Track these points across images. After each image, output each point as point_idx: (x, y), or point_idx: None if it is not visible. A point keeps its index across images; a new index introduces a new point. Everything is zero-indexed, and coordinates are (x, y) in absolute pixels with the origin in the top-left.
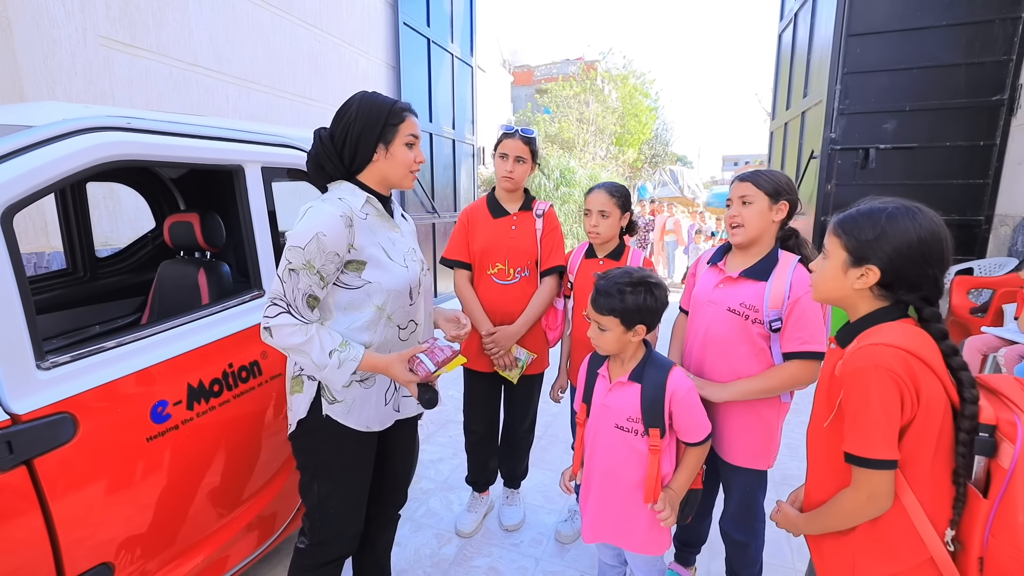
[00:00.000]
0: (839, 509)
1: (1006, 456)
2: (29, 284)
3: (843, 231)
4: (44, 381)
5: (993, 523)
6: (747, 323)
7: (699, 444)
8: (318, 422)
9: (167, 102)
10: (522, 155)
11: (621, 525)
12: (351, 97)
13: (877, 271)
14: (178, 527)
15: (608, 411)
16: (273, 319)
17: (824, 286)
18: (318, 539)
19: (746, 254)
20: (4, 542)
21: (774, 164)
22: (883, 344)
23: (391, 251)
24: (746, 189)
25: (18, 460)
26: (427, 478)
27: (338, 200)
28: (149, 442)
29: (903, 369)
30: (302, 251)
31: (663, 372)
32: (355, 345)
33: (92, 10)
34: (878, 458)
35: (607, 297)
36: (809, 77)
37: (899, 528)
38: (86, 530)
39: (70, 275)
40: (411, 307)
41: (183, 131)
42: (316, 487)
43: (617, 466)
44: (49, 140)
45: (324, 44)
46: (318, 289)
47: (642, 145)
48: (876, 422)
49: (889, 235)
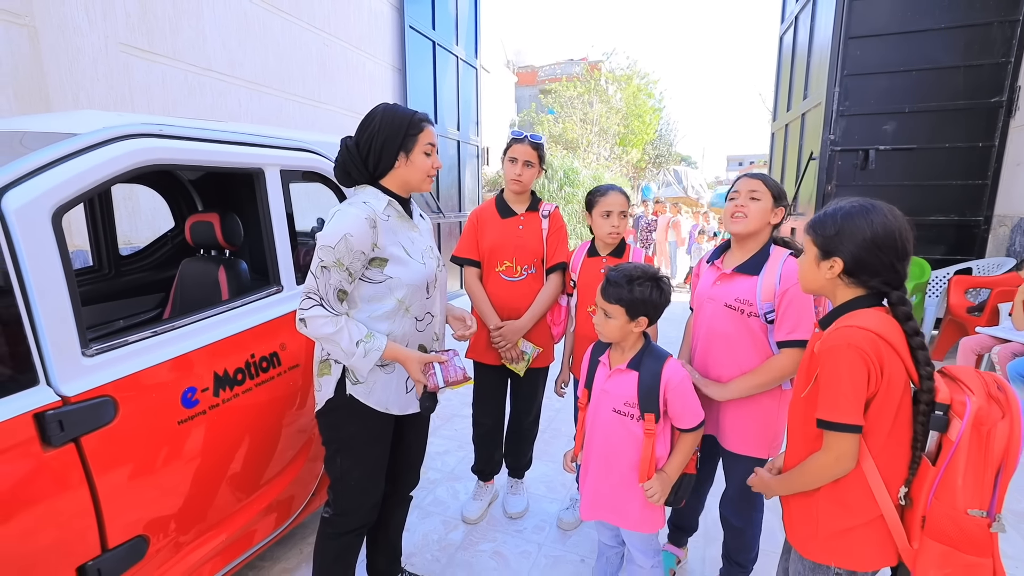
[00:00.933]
0: (809, 469)
1: (955, 430)
2: None
3: (812, 230)
4: (88, 367)
5: (937, 487)
6: (744, 317)
7: (692, 430)
8: (343, 400)
9: (182, 106)
10: (530, 159)
11: (617, 504)
12: (374, 109)
13: (841, 262)
14: (205, 505)
15: (607, 396)
16: (308, 311)
17: (804, 278)
18: (341, 509)
19: (742, 250)
20: (58, 513)
21: (775, 165)
22: (855, 327)
23: (410, 249)
24: (756, 185)
25: (68, 437)
26: (434, 469)
27: (363, 203)
28: (180, 425)
29: (871, 348)
30: (332, 250)
31: (659, 362)
32: (379, 336)
33: (113, 18)
34: (845, 423)
35: (616, 287)
36: (809, 79)
37: (856, 488)
38: (125, 505)
39: (95, 272)
40: (428, 300)
41: (209, 136)
42: (339, 460)
43: (614, 448)
44: (92, 147)
45: (332, 48)
46: (346, 284)
47: (646, 145)
48: (845, 392)
49: (846, 231)
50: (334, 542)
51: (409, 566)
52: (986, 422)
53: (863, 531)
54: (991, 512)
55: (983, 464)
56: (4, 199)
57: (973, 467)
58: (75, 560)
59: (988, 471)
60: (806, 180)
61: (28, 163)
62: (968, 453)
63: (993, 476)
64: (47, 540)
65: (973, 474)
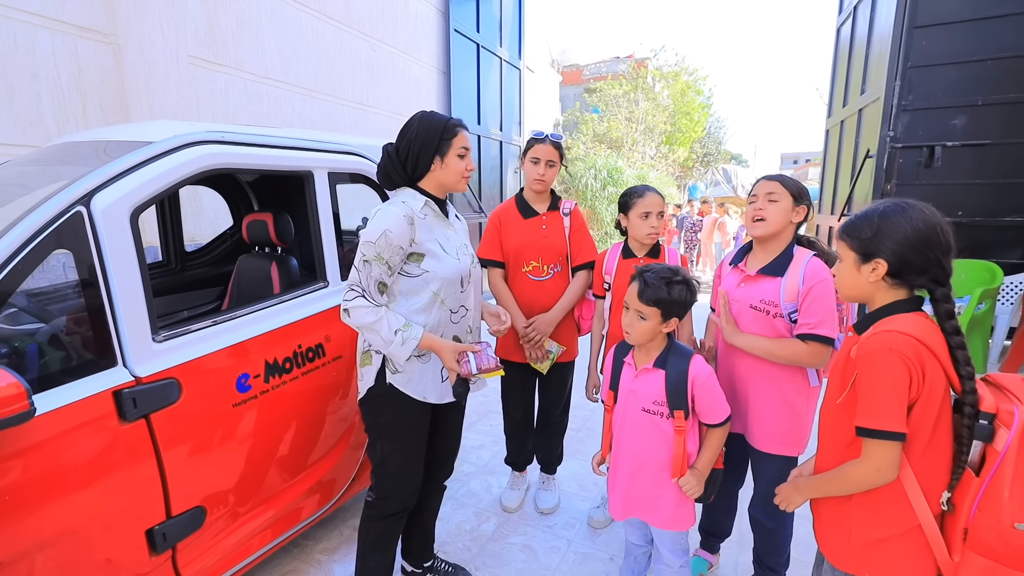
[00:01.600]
0: (845, 476)
1: (1001, 440)
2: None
3: (847, 235)
4: (158, 351)
5: (981, 499)
6: (769, 318)
7: (720, 425)
8: (382, 388)
9: (242, 112)
10: (552, 159)
11: (649, 502)
12: (412, 117)
13: (885, 263)
14: (255, 483)
15: (635, 396)
16: (351, 302)
17: (844, 285)
18: (382, 492)
19: (765, 252)
20: (131, 480)
21: (829, 164)
22: (895, 331)
23: (446, 245)
24: (774, 187)
25: (140, 414)
26: (469, 462)
27: (402, 203)
28: (234, 408)
29: (912, 353)
30: (374, 245)
31: (685, 359)
32: (415, 326)
33: (184, 34)
34: (889, 430)
35: (655, 288)
36: (867, 72)
37: (893, 497)
38: (186, 478)
39: (164, 266)
40: (462, 294)
41: (264, 142)
42: (380, 446)
43: (645, 446)
44: (164, 153)
45: (380, 53)
46: (386, 277)
47: (693, 144)
48: (887, 398)
49: (885, 230)
50: (376, 524)
51: (441, 553)
52: None
53: (899, 542)
54: None
55: None
56: (93, 201)
57: (1021, 479)
58: (145, 523)
59: None
60: (861, 179)
61: (112, 169)
62: (1016, 464)
63: None
64: (123, 504)
65: (1021, 486)
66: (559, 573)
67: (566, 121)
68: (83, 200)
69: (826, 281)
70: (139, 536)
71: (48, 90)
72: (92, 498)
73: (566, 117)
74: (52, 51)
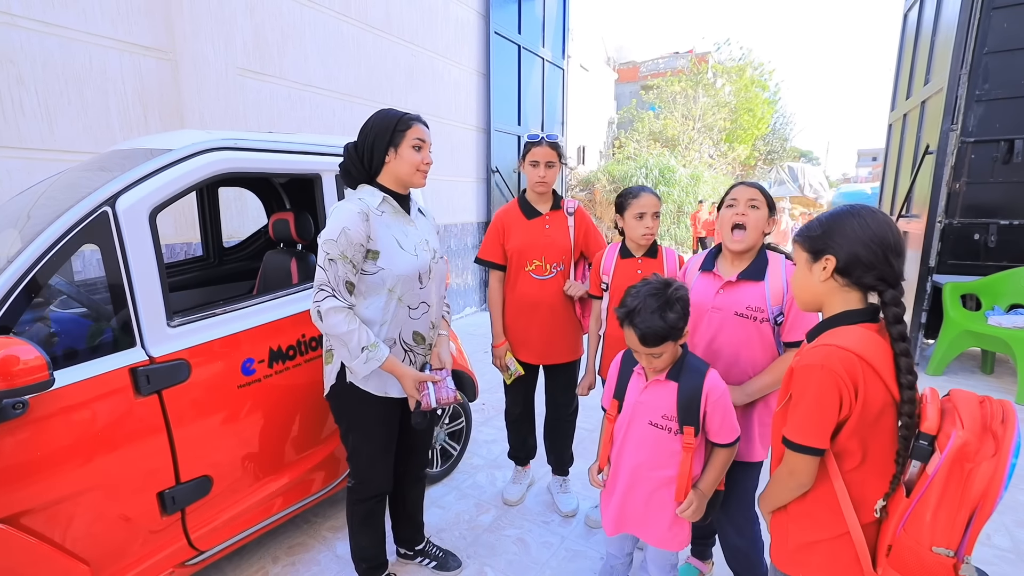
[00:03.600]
0: (772, 481)
1: (933, 464)
2: (178, 266)
3: (799, 237)
4: (171, 335)
5: (907, 519)
6: (756, 324)
7: (729, 445)
8: (344, 387)
9: (285, 119)
10: (551, 160)
11: (645, 518)
12: (372, 114)
13: (834, 259)
14: (260, 459)
15: (643, 408)
16: (323, 302)
17: (799, 288)
18: (358, 478)
19: (739, 257)
20: (144, 447)
21: (890, 161)
22: (834, 346)
23: (403, 242)
24: (755, 194)
25: (153, 389)
26: (478, 455)
27: (358, 200)
28: (239, 389)
29: (846, 370)
30: (335, 243)
31: (700, 373)
32: (382, 347)
33: (233, 47)
34: (804, 444)
35: (653, 331)
36: (932, 61)
37: (825, 505)
38: (194, 449)
39: (205, 261)
40: (422, 290)
41: (274, 148)
42: (351, 438)
43: (647, 462)
44: (180, 160)
45: (419, 58)
46: (352, 275)
47: (756, 141)
48: (811, 415)
49: (834, 227)
50: (358, 507)
51: (436, 539)
52: (971, 459)
53: (828, 545)
54: (960, 553)
55: (958, 502)
56: (118, 202)
57: (946, 504)
58: (156, 487)
59: (962, 510)
60: (921, 177)
61: (134, 174)
62: (943, 489)
63: (967, 516)
64: (137, 467)
65: (945, 511)
66: (548, 568)
67: (621, 119)
68: (109, 201)
69: None
70: (151, 498)
71: (116, 104)
72: (110, 460)
73: (621, 115)
74: (120, 69)
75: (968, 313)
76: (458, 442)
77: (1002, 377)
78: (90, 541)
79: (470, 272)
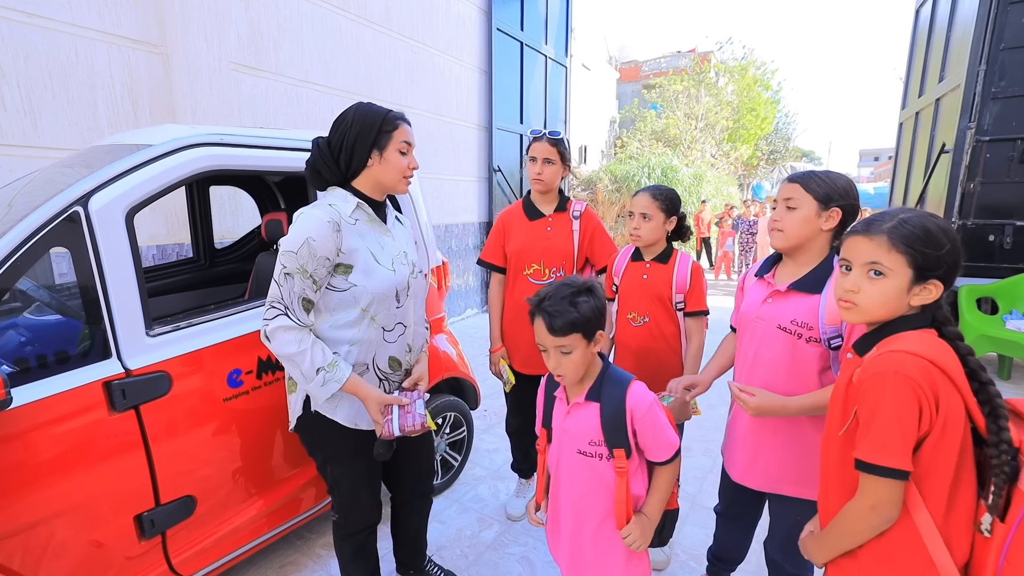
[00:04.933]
0: (843, 521)
1: None
2: (167, 269)
3: (908, 246)
4: (150, 345)
5: (1009, 549)
6: (800, 343)
7: (668, 462)
8: (311, 417)
9: (281, 115)
10: (550, 157)
11: (598, 560)
12: (348, 107)
13: (941, 286)
14: (248, 475)
15: (568, 436)
16: (272, 322)
17: (885, 307)
18: (343, 513)
19: (796, 264)
20: (118, 466)
21: (902, 160)
22: (904, 351)
23: (379, 255)
24: (792, 192)
25: (129, 404)
26: (480, 466)
27: (328, 206)
28: (225, 402)
29: (923, 378)
30: (295, 255)
31: (621, 388)
32: (343, 366)
33: (227, 41)
34: (888, 466)
35: (562, 315)
36: (948, 58)
37: (908, 546)
38: (176, 468)
39: (195, 263)
40: (398, 310)
41: (262, 143)
42: (329, 470)
43: (584, 497)
44: (160, 156)
45: (420, 54)
46: (311, 292)
47: (759, 141)
48: (890, 429)
49: (951, 246)
50: (347, 542)
51: (437, 558)
52: None
53: None
54: None
55: None
56: (90, 201)
57: None
58: (133, 510)
59: None
60: (936, 177)
61: (110, 171)
62: None
63: None
64: (110, 490)
65: None
66: None
67: (623, 118)
68: (81, 200)
69: None
70: (127, 522)
71: (103, 98)
72: (81, 483)
73: (623, 114)
74: (108, 62)
75: (984, 317)
76: (459, 453)
77: (1020, 383)
78: (58, 571)
79: (471, 273)
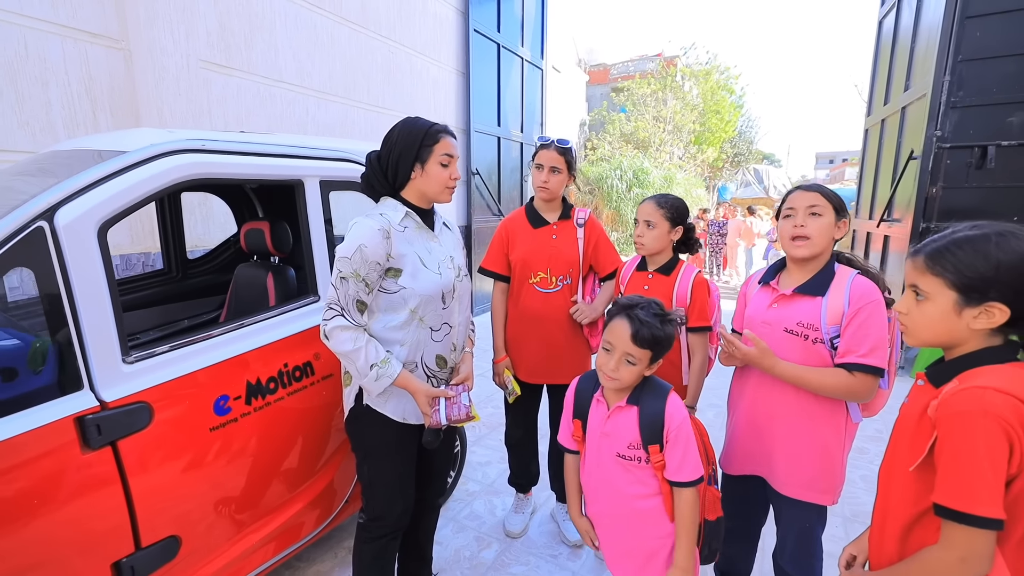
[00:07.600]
0: (925, 568)
1: None
2: (135, 282)
3: (942, 267)
4: (127, 374)
5: None
6: (807, 344)
7: (691, 484)
8: (362, 410)
9: (254, 116)
10: (557, 165)
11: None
12: (396, 123)
13: (1006, 309)
14: (236, 511)
15: (608, 439)
16: (330, 322)
17: (931, 330)
18: (372, 514)
19: (802, 270)
20: (93, 510)
21: (868, 165)
22: (992, 388)
23: (426, 259)
24: (815, 199)
25: (105, 441)
26: (474, 480)
27: (379, 215)
28: (212, 432)
29: (1015, 418)
30: (349, 261)
31: (661, 396)
32: (394, 362)
33: (195, 37)
34: (981, 515)
35: (651, 327)
36: (912, 68)
37: None
38: (157, 507)
39: (165, 275)
40: (444, 311)
41: (249, 150)
42: (366, 467)
43: (623, 499)
44: (137, 164)
45: (397, 55)
46: (364, 295)
47: (724, 143)
48: (982, 474)
49: (1007, 264)
50: (369, 546)
51: None
52: None
53: None
54: None
55: None
56: (56, 215)
57: None
58: (110, 556)
59: None
60: (904, 182)
61: (78, 181)
62: None
63: None
64: (84, 536)
65: None
66: None
67: (592, 121)
68: (46, 215)
69: (877, 303)
70: (104, 570)
71: (58, 97)
72: (51, 530)
73: (592, 117)
74: (63, 58)
75: None
76: (453, 468)
77: None
78: None
79: None
